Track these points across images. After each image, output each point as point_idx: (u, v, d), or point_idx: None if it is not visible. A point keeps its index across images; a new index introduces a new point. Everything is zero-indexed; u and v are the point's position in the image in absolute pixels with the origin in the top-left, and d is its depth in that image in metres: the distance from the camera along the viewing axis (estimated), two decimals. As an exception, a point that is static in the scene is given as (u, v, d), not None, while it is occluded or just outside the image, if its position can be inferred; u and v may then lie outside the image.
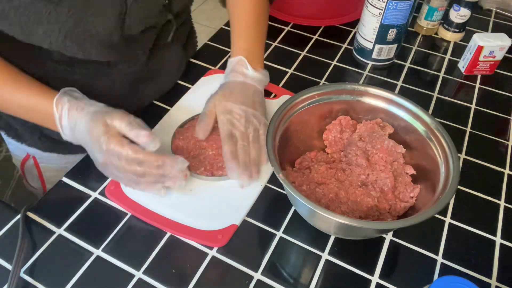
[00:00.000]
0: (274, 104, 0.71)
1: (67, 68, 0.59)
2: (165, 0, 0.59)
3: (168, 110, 0.71)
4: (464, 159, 0.67)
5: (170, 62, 0.72)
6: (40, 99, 0.53)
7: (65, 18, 0.49)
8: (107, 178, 0.60)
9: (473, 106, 0.77)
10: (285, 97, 0.73)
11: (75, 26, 0.50)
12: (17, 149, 0.75)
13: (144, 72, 0.67)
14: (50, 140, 0.70)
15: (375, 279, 0.52)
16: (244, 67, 0.65)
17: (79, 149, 0.69)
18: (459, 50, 0.89)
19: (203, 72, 0.78)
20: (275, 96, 0.75)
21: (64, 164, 0.74)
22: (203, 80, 0.76)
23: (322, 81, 0.80)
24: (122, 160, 0.50)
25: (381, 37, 0.81)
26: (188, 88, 0.75)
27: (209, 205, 0.58)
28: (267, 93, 0.75)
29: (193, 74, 0.78)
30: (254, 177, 0.58)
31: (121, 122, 0.50)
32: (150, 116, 0.69)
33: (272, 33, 0.92)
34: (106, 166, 0.52)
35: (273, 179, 0.62)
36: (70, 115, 0.52)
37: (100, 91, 0.62)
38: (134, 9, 0.54)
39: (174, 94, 0.73)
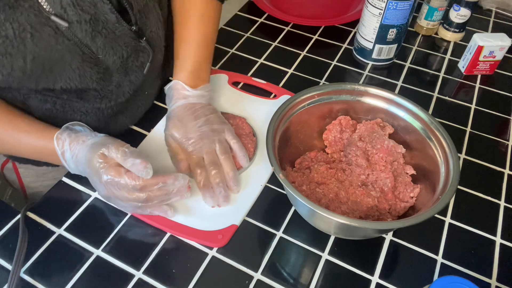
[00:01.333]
0: (273, 104, 0.72)
1: (40, 97, 0.57)
2: (132, 27, 0.54)
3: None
4: (464, 159, 0.67)
5: (149, 92, 0.70)
6: (41, 139, 0.54)
7: (33, 51, 0.47)
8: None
9: (473, 106, 0.77)
10: (285, 97, 0.73)
11: (44, 62, 0.48)
12: None
13: (122, 105, 0.64)
14: None
15: (375, 279, 0.52)
16: (182, 90, 0.63)
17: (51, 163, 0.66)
18: (459, 50, 0.89)
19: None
20: (275, 96, 0.75)
21: (43, 171, 0.72)
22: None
23: (322, 81, 0.80)
24: (123, 190, 0.50)
25: (381, 37, 0.81)
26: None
27: (209, 205, 0.57)
28: (267, 93, 0.75)
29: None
30: (234, 191, 0.58)
31: (117, 152, 0.50)
32: (150, 116, 0.69)
33: (272, 33, 0.92)
34: (109, 198, 0.53)
35: (273, 179, 0.62)
36: (71, 149, 0.53)
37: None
38: (100, 47, 0.52)
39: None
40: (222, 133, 0.61)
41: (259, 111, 0.70)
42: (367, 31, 0.82)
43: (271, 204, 0.59)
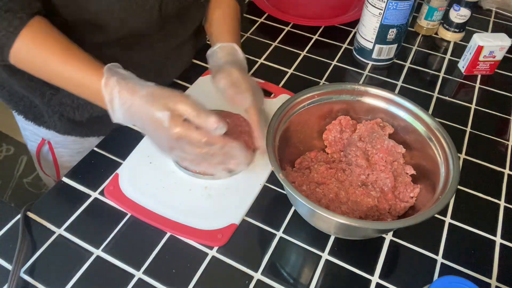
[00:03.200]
0: (272, 104, 0.72)
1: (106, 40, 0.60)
2: None
3: (188, 87, 0.72)
4: (464, 159, 0.67)
5: (190, 40, 0.74)
6: (89, 75, 0.52)
7: None
8: (107, 178, 0.60)
9: (473, 106, 0.77)
10: (283, 96, 0.73)
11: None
12: (33, 135, 0.76)
13: (172, 49, 0.70)
14: (69, 121, 0.69)
15: (375, 279, 0.52)
16: (239, 53, 0.65)
17: (96, 132, 0.71)
18: (459, 50, 0.89)
19: (201, 72, 0.78)
20: (273, 96, 0.75)
21: (78, 149, 0.75)
22: (201, 80, 0.76)
23: (322, 81, 0.80)
24: (193, 145, 0.50)
25: (381, 37, 0.81)
26: (186, 88, 0.75)
27: (208, 204, 0.58)
28: (266, 93, 0.75)
29: (192, 74, 0.78)
30: (261, 150, 0.58)
31: (186, 107, 0.49)
32: (190, 72, 0.71)
33: (272, 33, 0.92)
34: (172, 149, 0.52)
35: (273, 179, 0.62)
36: (121, 97, 0.50)
37: (134, 64, 0.61)
38: None
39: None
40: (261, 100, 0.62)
41: None
42: (367, 31, 0.82)
43: (271, 204, 0.59)
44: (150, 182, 0.59)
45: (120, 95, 0.50)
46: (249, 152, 0.62)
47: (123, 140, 0.66)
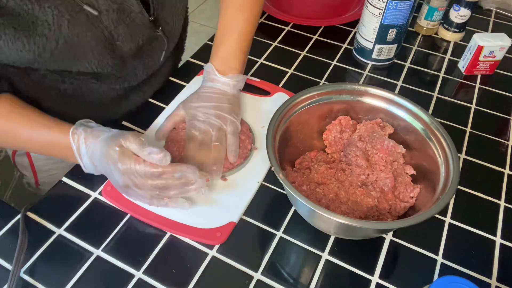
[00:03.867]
0: (268, 102, 0.72)
1: (58, 78, 0.60)
2: (150, 17, 0.60)
3: (164, 108, 0.71)
4: (464, 159, 0.67)
5: (161, 72, 0.75)
6: (57, 132, 0.54)
7: (61, 35, 0.51)
8: (107, 178, 0.60)
9: (473, 106, 0.77)
10: (279, 95, 0.74)
11: (69, 46, 0.53)
12: None
13: (136, 85, 0.69)
14: None
15: (375, 279, 0.52)
16: (211, 74, 0.66)
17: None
18: (459, 50, 0.89)
19: (197, 71, 0.78)
20: (270, 94, 0.75)
21: None
22: (197, 79, 0.77)
23: (322, 81, 0.81)
24: (142, 177, 0.51)
25: (381, 37, 0.81)
26: (183, 86, 0.75)
27: (206, 203, 0.58)
28: (264, 92, 0.75)
29: (192, 73, 0.78)
30: (213, 175, 0.59)
31: (133, 143, 0.51)
32: (146, 114, 0.69)
33: (272, 33, 0.92)
34: (127, 188, 0.53)
35: (272, 179, 0.62)
36: (87, 144, 0.53)
37: (89, 101, 0.65)
38: (121, 34, 0.57)
39: (169, 92, 0.73)
40: (225, 123, 0.62)
41: (254, 109, 0.71)
42: (367, 31, 0.82)
43: (271, 204, 0.59)
44: None
45: (86, 141, 0.53)
46: (245, 152, 0.63)
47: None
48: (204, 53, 0.84)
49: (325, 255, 0.54)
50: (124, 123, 0.69)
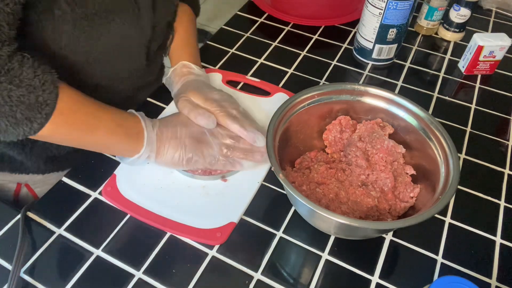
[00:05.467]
0: (268, 102, 0.72)
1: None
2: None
3: (164, 108, 0.71)
4: (464, 159, 0.67)
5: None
6: (122, 113, 0.57)
7: (115, 32, 0.55)
8: (107, 178, 0.60)
9: (473, 106, 0.77)
10: (279, 95, 0.74)
11: (119, 43, 0.57)
12: (5, 184, 0.70)
13: (146, 80, 0.72)
14: (55, 159, 0.69)
15: (375, 279, 0.52)
16: (190, 69, 0.69)
17: (71, 163, 0.71)
18: (459, 50, 0.89)
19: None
20: (270, 95, 0.75)
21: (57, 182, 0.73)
22: None
23: (322, 81, 0.81)
24: (219, 137, 0.59)
25: (381, 37, 0.81)
26: None
27: (206, 203, 0.58)
28: (264, 92, 0.75)
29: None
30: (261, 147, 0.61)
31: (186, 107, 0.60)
32: (147, 114, 0.69)
33: (272, 33, 0.92)
34: (199, 144, 0.57)
35: (272, 179, 0.62)
36: (154, 122, 0.58)
37: (119, 91, 0.66)
38: (156, 33, 0.62)
39: (169, 92, 0.73)
40: (236, 103, 0.65)
41: (254, 109, 0.70)
42: (367, 31, 0.82)
43: (271, 204, 0.59)
44: (147, 182, 0.59)
45: (152, 121, 0.59)
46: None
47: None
48: (204, 53, 0.84)
49: (325, 255, 0.54)
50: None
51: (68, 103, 0.50)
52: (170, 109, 0.70)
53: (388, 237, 0.56)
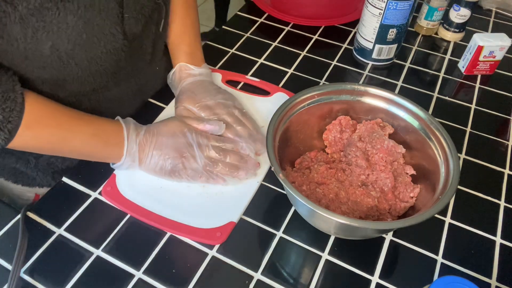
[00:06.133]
0: (268, 102, 0.72)
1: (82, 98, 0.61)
2: None
3: (164, 108, 0.71)
4: (464, 159, 0.67)
5: (162, 60, 0.75)
6: (107, 120, 0.57)
7: (74, 20, 0.48)
8: (107, 178, 0.60)
9: (473, 106, 0.77)
10: (279, 95, 0.74)
11: (83, 30, 0.50)
12: (24, 193, 0.71)
13: (145, 78, 0.70)
14: (64, 172, 0.68)
15: (375, 279, 0.52)
16: (187, 70, 0.68)
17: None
18: (459, 50, 0.89)
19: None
20: (269, 94, 0.75)
21: None
22: None
23: (322, 81, 0.81)
24: (210, 150, 0.58)
25: (381, 37, 0.81)
26: None
27: (206, 203, 0.58)
28: (264, 92, 0.75)
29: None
30: (261, 150, 0.62)
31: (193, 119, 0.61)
32: (148, 114, 0.69)
33: (272, 33, 0.92)
34: (182, 158, 0.57)
35: (272, 179, 0.62)
36: (137, 130, 0.58)
37: (107, 102, 0.64)
38: (130, 2, 0.55)
39: (169, 92, 0.73)
40: (235, 102, 0.66)
41: (254, 109, 0.71)
42: (367, 31, 0.82)
43: (271, 204, 0.59)
44: (147, 182, 0.59)
45: (137, 128, 0.58)
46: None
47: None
48: (204, 53, 0.84)
49: (325, 255, 0.54)
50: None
51: (36, 116, 0.51)
52: (169, 111, 0.70)
53: (388, 237, 0.56)
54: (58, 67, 0.52)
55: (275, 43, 0.89)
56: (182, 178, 0.58)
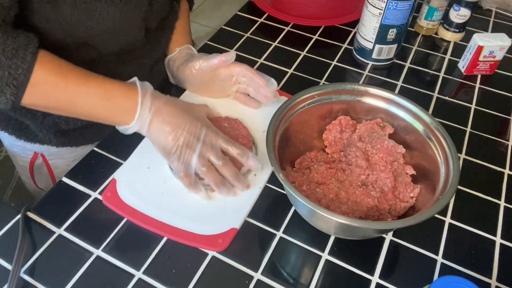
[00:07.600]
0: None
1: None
2: None
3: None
4: (464, 159, 0.67)
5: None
6: (118, 83, 0.56)
7: (114, 11, 0.55)
8: (107, 178, 0.60)
9: (473, 106, 0.77)
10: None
11: (117, 21, 0.57)
12: (24, 151, 0.74)
13: (158, 57, 0.73)
14: (64, 133, 0.70)
15: (375, 279, 0.52)
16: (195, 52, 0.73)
17: (89, 139, 0.72)
18: (459, 50, 0.89)
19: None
20: None
21: (73, 157, 0.75)
22: None
23: (322, 81, 0.81)
24: (214, 149, 0.56)
25: (381, 37, 0.81)
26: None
27: (208, 209, 0.57)
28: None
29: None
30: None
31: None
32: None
33: (272, 33, 0.92)
34: (188, 149, 0.55)
35: (273, 179, 0.62)
36: (153, 97, 0.56)
37: (126, 75, 0.64)
38: (153, 9, 0.63)
39: (169, 92, 0.73)
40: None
41: (254, 110, 0.70)
42: (367, 31, 0.82)
43: (271, 204, 0.59)
44: (148, 187, 0.59)
45: (153, 96, 0.57)
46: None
47: (122, 140, 0.65)
48: (204, 52, 0.84)
49: (325, 255, 0.54)
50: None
51: (45, 76, 0.51)
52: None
53: (388, 237, 0.56)
54: (81, 42, 0.57)
55: (275, 43, 0.89)
56: (175, 166, 0.56)
